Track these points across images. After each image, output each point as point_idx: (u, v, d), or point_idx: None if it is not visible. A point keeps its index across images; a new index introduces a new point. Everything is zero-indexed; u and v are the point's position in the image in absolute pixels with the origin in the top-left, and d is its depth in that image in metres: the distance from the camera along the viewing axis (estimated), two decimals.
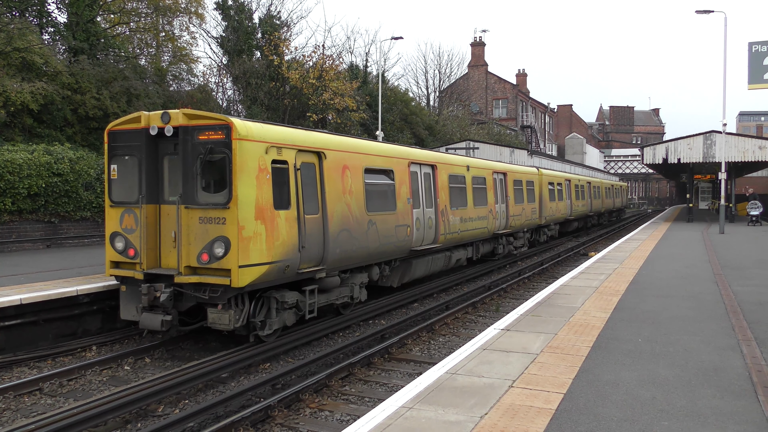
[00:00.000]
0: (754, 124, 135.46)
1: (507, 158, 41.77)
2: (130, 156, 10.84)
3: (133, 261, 10.67)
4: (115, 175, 11.08)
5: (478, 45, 70.45)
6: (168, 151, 10.71)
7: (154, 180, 10.70)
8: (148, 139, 10.58)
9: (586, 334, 8.68)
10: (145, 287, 10.14)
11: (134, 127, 10.78)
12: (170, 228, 10.53)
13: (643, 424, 5.46)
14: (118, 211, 10.92)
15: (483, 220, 20.08)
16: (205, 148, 9.99)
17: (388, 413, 5.78)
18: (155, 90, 27.42)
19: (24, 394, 8.78)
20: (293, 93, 34.48)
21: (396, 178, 14.59)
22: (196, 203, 10.11)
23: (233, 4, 34.60)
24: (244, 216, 9.80)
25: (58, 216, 19.40)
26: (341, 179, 12.31)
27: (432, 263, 16.92)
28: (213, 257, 9.85)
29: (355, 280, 13.19)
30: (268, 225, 10.20)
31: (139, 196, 10.59)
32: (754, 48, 26.78)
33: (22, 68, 21.83)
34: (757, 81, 26.93)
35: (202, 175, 10.16)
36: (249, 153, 9.96)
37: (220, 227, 9.82)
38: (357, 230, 12.69)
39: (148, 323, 10.15)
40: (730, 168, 35.98)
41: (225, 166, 9.86)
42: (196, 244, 10.04)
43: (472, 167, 19.64)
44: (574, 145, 77.41)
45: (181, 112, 10.33)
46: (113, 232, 10.98)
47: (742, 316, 9.92)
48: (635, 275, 14.54)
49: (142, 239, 10.52)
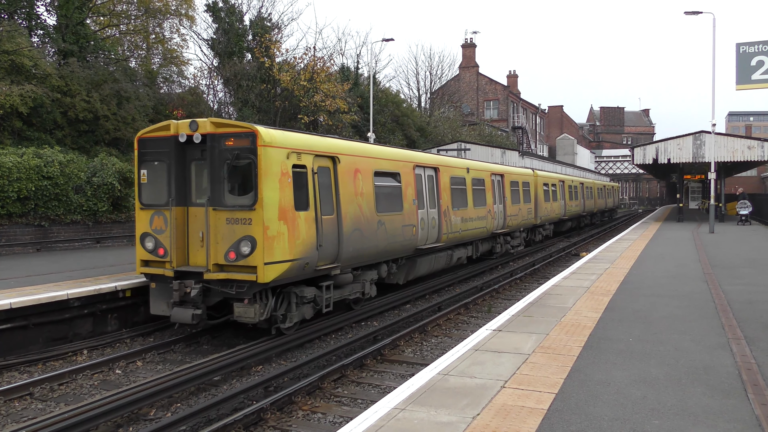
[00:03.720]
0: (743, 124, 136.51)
1: (498, 159, 41.87)
2: (159, 162, 11.54)
3: (162, 260, 11.28)
4: (144, 179, 11.76)
5: (469, 46, 70.59)
6: (195, 156, 11.36)
7: (182, 184, 11.37)
8: (177, 146, 11.25)
9: (578, 334, 8.71)
10: (177, 284, 10.79)
11: (163, 134, 11.48)
12: (198, 228, 11.19)
13: (635, 423, 5.49)
14: (148, 213, 11.54)
15: (482, 220, 20.77)
16: (231, 153, 10.68)
17: (380, 415, 5.78)
18: (146, 92, 27.34)
19: (14, 399, 8.72)
20: (284, 95, 34.44)
21: (402, 180, 15.32)
22: (224, 205, 10.78)
23: (224, 6, 34.52)
24: (269, 217, 10.48)
25: (48, 219, 19.29)
26: (353, 182, 13.03)
27: (435, 261, 17.53)
28: (240, 255, 10.52)
29: (365, 276, 13.89)
30: (290, 225, 10.90)
31: (169, 199, 11.24)
32: (742, 49, 26.94)
33: (11, 71, 21.71)
34: (745, 81, 27.08)
35: (229, 179, 10.83)
36: (272, 158, 10.66)
37: (247, 227, 10.51)
38: (368, 230, 13.40)
39: (180, 317, 10.81)
40: (720, 168, 36.22)
41: (251, 171, 10.58)
42: (224, 244, 10.70)
43: (471, 169, 20.34)
44: (565, 146, 77.68)
45: (209, 121, 11.03)
46: (143, 232, 11.58)
47: (732, 314, 9.99)
48: (626, 275, 14.61)
49: (171, 239, 11.15)
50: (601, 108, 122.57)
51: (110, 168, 20.67)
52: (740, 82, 27.15)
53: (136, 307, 12.98)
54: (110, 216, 21.12)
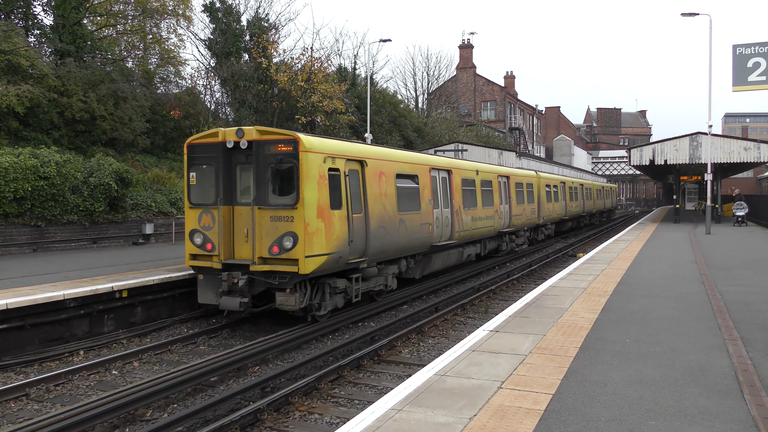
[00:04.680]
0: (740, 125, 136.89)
1: (495, 160, 41.93)
2: (207, 165, 12.61)
3: (210, 254, 12.35)
4: (193, 181, 12.83)
5: (466, 47, 70.63)
6: (240, 161, 12.48)
7: (229, 185, 12.46)
8: (224, 151, 12.36)
9: (575, 335, 8.72)
10: (225, 275, 11.88)
11: (211, 140, 12.57)
12: (242, 225, 12.31)
13: (631, 424, 5.49)
14: (197, 211, 12.59)
15: (490, 219, 21.95)
16: (275, 158, 11.79)
17: (377, 415, 5.78)
18: (143, 92, 27.30)
19: (10, 400, 8.70)
20: (282, 95, 34.42)
21: (420, 182, 16.49)
22: (268, 204, 11.89)
23: (221, 7, 34.49)
24: (309, 215, 11.62)
25: (44, 220, 19.23)
26: (378, 184, 14.18)
27: (448, 257, 18.68)
28: (283, 249, 11.63)
29: (388, 270, 15.04)
30: (326, 222, 12.03)
31: (217, 199, 12.33)
32: (738, 50, 26.99)
33: (7, 71, 21.66)
34: (742, 83, 27.13)
35: (273, 181, 11.96)
36: (312, 162, 11.79)
37: (289, 224, 11.64)
38: (391, 227, 14.55)
39: (228, 305, 11.90)
40: (716, 169, 36.28)
41: (293, 174, 11.69)
42: (268, 239, 11.81)
43: (480, 171, 21.61)
44: (562, 147, 77.76)
45: (255, 129, 12.12)
46: (192, 229, 12.62)
47: (728, 315, 10.01)
48: (623, 276, 14.63)
49: (219, 235, 12.20)
50: (598, 109, 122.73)
51: (107, 168, 20.62)
52: (737, 83, 27.21)
53: (133, 307, 12.97)
54: (107, 216, 21.07)
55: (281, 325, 12.89)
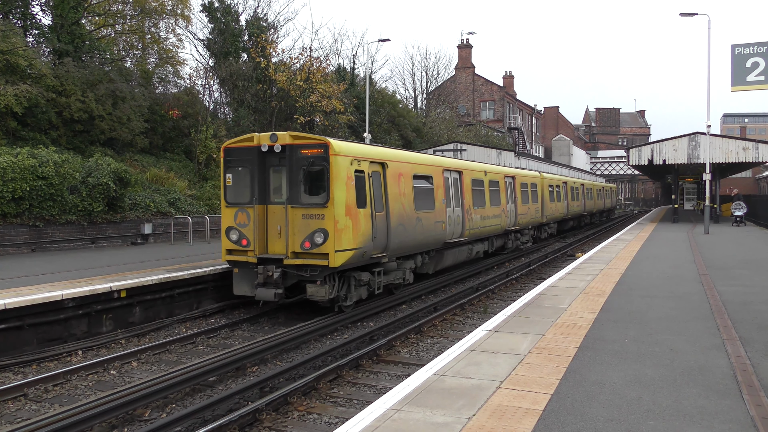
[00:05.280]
0: (738, 125, 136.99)
1: (494, 160, 41.94)
2: (243, 167, 13.51)
3: (245, 249, 13.28)
4: (229, 182, 13.73)
5: (465, 47, 70.63)
6: (273, 163, 13.35)
7: (263, 186, 13.37)
8: (259, 155, 13.26)
9: (573, 335, 8.72)
10: (261, 268, 12.92)
11: (247, 144, 13.47)
12: (275, 223, 13.24)
13: (630, 424, 5.49)
14: (233, 210, 13.52)
15: (497, 218, 22.95)
16: (307, 161, 12.75)
17: (376, 415, 5.77)
18: (141, 92, 27.27)
19: (8, 400, 8.68)
20: (280, 95, 34.40)
21: (434, 182, 17.40)
22: (300, 203, 12.85)
23: (220, 6, 34.47)
24: (338, 213, 12.55)
25: (42, 220, 19.21)
26: (398, 184, 15.10)
27: (459, 254, 19.66)
28: (314, 244, 12.60)
29: (406, 265, 16.02)
30: (353, 220, 12.96)
31: (252, 198, 13.26)
32: (737, 50, 26.98)
33: (5, 71, 21.63)
34: (740, 83, 27.12)
35: (305, 182, 12.90)
36: (341, 165, 12.72)
37: (320, 221, 12.59)
38: (409, 225, 15.50)
39: (263, 296, 12.91)
40: (715, 169, 36.31)
41: (323, 175, 12.63)
42: (300, 235, 12.76)
43: (488, 172, 22.62)
44: (561, 147, 77.78)
45: (288, 134, 13.11)
46: (228, 226, 13.54)
47: (727, 315, 10.01)
48: (621, 276, 14.64)
49: (255, 232, 13.13)
50: (596, 109, 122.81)
51: (105, 168, 20.59)
52: (735, 83, 27.20)
53: (131, 307, 12.96)
54: (105, 216, 21.05)
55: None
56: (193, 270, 14.56)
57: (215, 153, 29.38)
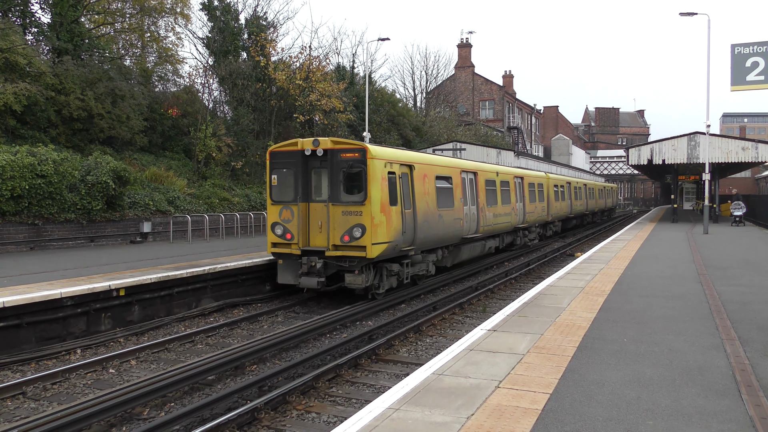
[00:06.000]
0: (738, 125, 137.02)
1: (494, 159, 41.94)
2: (287, 169, 15.01)
3: (289, 242, 14.81)
4: (275, 182, 15.20)
5: (465, 46, 70.61)
6: (315, 166, 14.84)
7: (306, 186, 14.86)
8: (302, 158, 14.77)
9: (572, 335, 8.71)
10: (305, 259, 14.41)
11: (291, 149, 15.02)
12: (317, 219, 14.73)
13: (629, 424, 5.49)
14: (278, 207, 15.04)
15: (508, 216, 24.41)
16: (347, 164, 14.25)
17: (374, 414, 5.77)
18: (140, 91, 27.23)
19: (7, 398, 8.67)
20: (280, 94, 34.38)
21: (453, 182, 18.84)
22: (340, 201, 14.32)
23: (219, 5, 34.43)
24: (374, 210, 14.04)
25: (41, 218, 19.19)
26: (423, 184, 16.51)
27: (474, 249, 21.13)
28: (353, 238, 14.05)
29: (429, 258, 17.47)
30: (387, 216, 14.44)
31: (296, 197, 14.78)
32: (737, 50, 26.98)
33: (5, 69, 21.60)
34: (740, 83, 27.12)
35: (344, 183, 14.34)
36: (376, 167, 14.18)
37: (358, 217, 14.06)
38: (432, 221, 16.90)
39: (307, 284, 14.48)
40: (714, 169, 36.31)
41: (361, 176, 14.14)
42: (340, 230, 14.22)
43: (500, 173, 24.15)
44: (560, 146, 77.79)
45: (329, 140, 14.65)
46: (274, 222, 15.04)
47: (726, 315, 10.01)
48: (621, 275, 14.64)
49: (299, 227, 14.67)
50: (596, 109, 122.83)
51: (104, 167, 20.57)
52: (735, 83, 27.21)
53: (130, 306, 12.95)
54: (104, 215, 21.03)
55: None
56: (191, 269, 14.56)
57: (214, 152, 29.38)
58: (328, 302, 15.86)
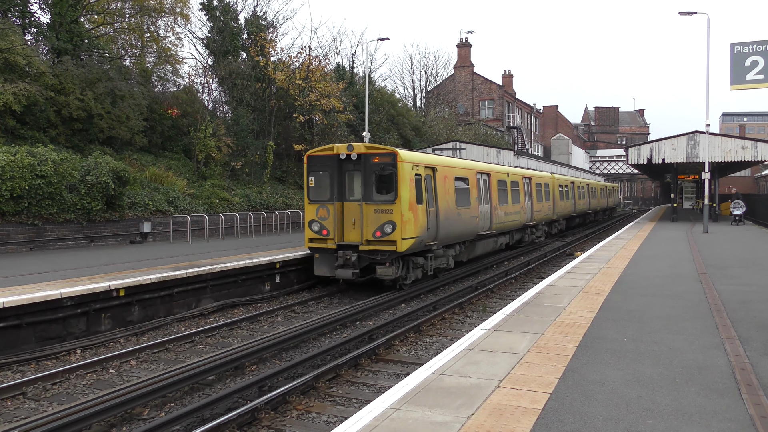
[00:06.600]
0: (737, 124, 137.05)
1: (493, 159, 41.94)
2: (324, 171, 16.37)
3: (325, 238, 16.19)
4: (312, 183, 16.55)
5: (465, 46, 70.57)
6: (349, 168, 16.26)
7: (340, 186, 16.25)
8: (338, 161, 16.15)
9: (572, 334, 8.71)
10: (341, 253, 15.89)
11: (327, 153, 16.36)
12: (351, 216, 16.14)
13: (629, 423, 5.49)
14: (315, 206, 16.40)
15: (517, 214, 25.87)
16: (378, 167, 15.73)
17: (374, 414, 5.77)
18: (140, 91, 27.21)
19: (7, 399, 8.67)
20: (279, 94, 34.37)
21: (470, 183, 20.31)
22: (373, 201, 15.81)
23: (218, 5, 34.39)
24: (404, 208, 15.48)
25: (41, 218, 19.19)
26: (444, 185, 17.95)
27: (487, 245, 22.60)
28: (384, 233, 15.50)
29: (449, 253, 18.91)
30: (414, 214, 15.88)
31: (332, 196, 16.18)
32: (736, 49, 26.96)
33: (4, 69, 21.58)
34: (740, 82, 27.10)
35: (376, 184, 15.79)
36: (405, 170, 15.62)
37: (389, 215, 15.51)
38: (452, 219, 18.31)
39: (343, 275, 15.89)
40: (714, 168, 36.31)
41: (392, 178, 15.57)
42: (372, 226, 15.70)
43: (510, 174, 25.64)
44: (560, 146, 77.74)
45: (363, 145, 16.16)
46: (311, 219, 16.41)
47: (726, 314, 10.01)
48: (620, 275, 14.64)
49: (334, 224, 16.06)
50: (595, 108, 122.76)
51: (104, 167, 20.56)
52: (734, 82, 27.19)
53: (130, 306, 12.95)
54: (104, 215, 21.02)
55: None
56: (191, 269, 14.56)
57: (214, 152, 29.36)
58: (328, 302, 15.97)
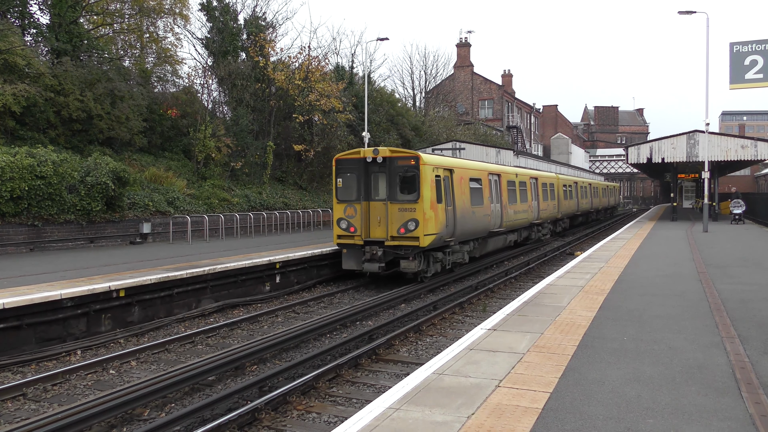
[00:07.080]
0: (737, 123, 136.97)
1: (493, 159, 41.92)
2: (351, 173, 17.74)
3: (353, 234, 17.56)
4: (340, 184, 17.90)
5: (464, 46, 70.54)
6: (374, 170, 17.55)
7: (367, 187, 17.58)
8: (364, 164, 17.51)
9: (572, 333, 8.72)
10: (368, 248, 17.21)
11: (354, 157, 17.80)
12: (376, 215, 17.48)
13: (629, 422, 5.49)
14: (343, 205, 17.78)
15: (525, 212, 27.07)
16: (402, 169, 17.06)
17: (375, 414, 5.77)
18: (140, 91, 27.21)
19: (7, 400, 8.68)
20: (279, 94, 34.37)
21: (483, 183, 21.53)
22: (397, 200, 17.14)
23: (218, 5, 34.39)
24: (425, 206, 16.82)
25: (41, 219, 19.19)
26: (460, 185, 19.27)
27: (497, 241, 23.92)
28: (407, 230, 16.84)
29: (464, 248, 20.25)
30: (435, 212, 17.18)
31: (359, 196, 17.55)
32: (736, 48, 26.95)
33: (3, 70, 21.58)
34: (739, 81, 27.09)
35: (401, 184, 17.11)
36: (427, 171, 16.97)
37: (412, 213, 16.85)
38: (467, 217, 19.59)
39: (370, 269, 17.22)
40: (713, 167, 36.30)
41: (415, 180, 16.89)
42: (396, 223, 17.03)
43: (519, 174, 26.90)
44: (560, 145, 77.74)
45: (387, 149, 17.47)
46: (339, 217, 17.79)
47: (726, 313, 10.01)
48: (620, 274, 14.64)
49: (361, 221, 17.44)
50: (595, 107, 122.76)
51: (104, 167, 20.56)
52: (734, 81, 27.18)
53: (130, 306, 12.95)
54: (104, 216, 21.02)
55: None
56: (191, 269, 14.56)
57: (213, 152, 29.36)
58: (328, 302, 15.98)
